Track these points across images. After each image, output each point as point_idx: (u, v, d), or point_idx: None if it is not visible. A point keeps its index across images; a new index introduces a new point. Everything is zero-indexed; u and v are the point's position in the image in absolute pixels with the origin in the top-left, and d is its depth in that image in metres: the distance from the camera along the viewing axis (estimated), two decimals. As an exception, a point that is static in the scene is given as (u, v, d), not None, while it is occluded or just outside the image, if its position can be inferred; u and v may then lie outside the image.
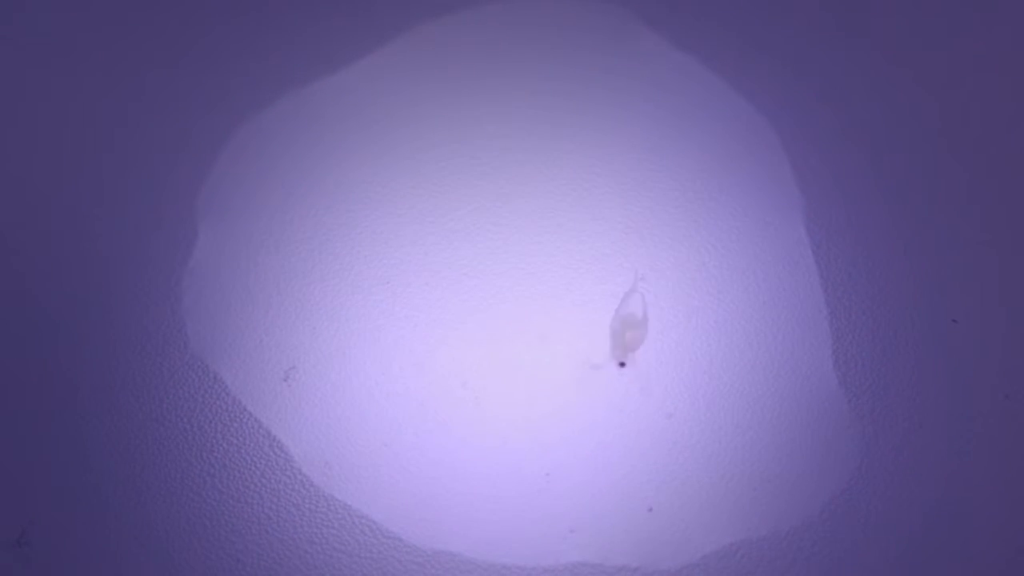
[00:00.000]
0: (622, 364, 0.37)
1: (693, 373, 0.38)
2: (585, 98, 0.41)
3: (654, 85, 0.41)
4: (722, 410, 0.37)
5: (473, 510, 0.36)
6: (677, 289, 0.39)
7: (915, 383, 0.37)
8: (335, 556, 0.36)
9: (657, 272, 0.39)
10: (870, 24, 0.43)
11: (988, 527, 0.36)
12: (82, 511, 0.36)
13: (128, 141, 0.41)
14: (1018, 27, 0.43)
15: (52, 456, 0.37)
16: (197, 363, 0.38)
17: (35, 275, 0.39)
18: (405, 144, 0.41)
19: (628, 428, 0.37)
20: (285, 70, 0.42)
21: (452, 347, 0.38)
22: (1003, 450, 0.37)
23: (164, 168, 0.40)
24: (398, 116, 0.41)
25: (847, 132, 0.41)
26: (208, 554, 0.36)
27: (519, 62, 0.42)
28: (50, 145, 0.41)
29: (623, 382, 0.38)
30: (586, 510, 0.36)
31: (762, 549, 0.36)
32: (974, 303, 0.38)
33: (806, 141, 0.41)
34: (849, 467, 0.36)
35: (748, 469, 0.36)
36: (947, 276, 0.39)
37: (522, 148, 0.40)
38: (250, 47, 0.42)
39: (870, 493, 0.36)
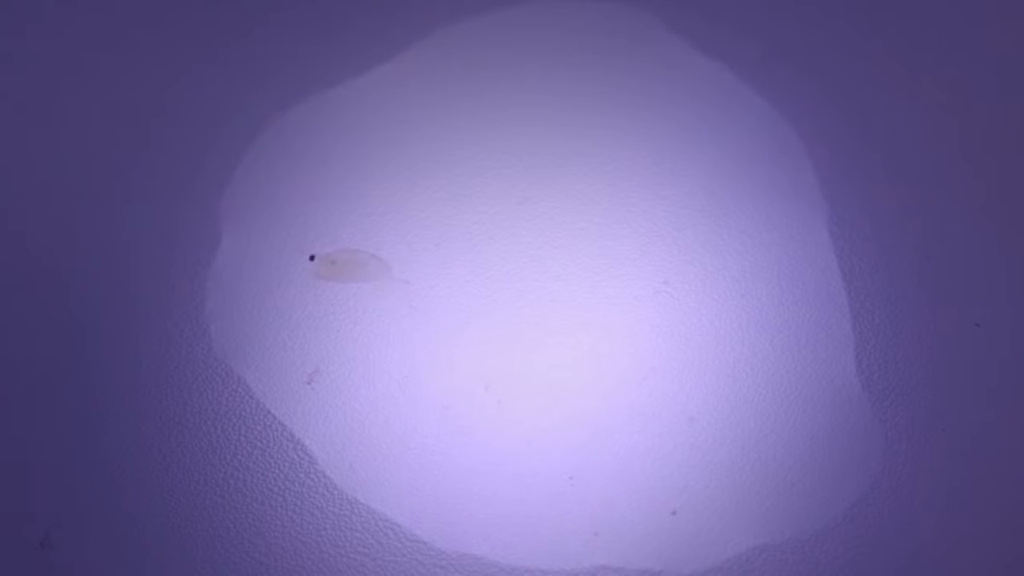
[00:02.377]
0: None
1: (716, 376, 0.38)
2: (608, 102, 0.41)
3: (676, 89, 0.41)
4: (745, 413, 0.37)
5: (497, 513, 0.36)
6: (700, 293, 0.39)
7: (938, 387, 0.37)
8: (359, 559, 0.36)
9: (680, 276, 0.39)
10: (895, 30, 0.43)
11: (1011, 531, 0.36)
12: (105, 514, 0.36)
13: (151, 144, 0.41)
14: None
15: (76, 459, 0.37)
16: (221, 366, 0.38)
17: (58, 279, 0.39)
18: (427, 147, 0.41)
19: (651, 431, 0.37)
20: (308, 74, 0.41)
21: (475, 350, 0.38)
22: (1027, 454, 0.37)
23: (188, 171, 0.40)
24: (421, 120, 0.41)
25: (870, 137, 0.41)
26: (232, 557, 0.36)
27: (542, 66, 0.42)
28: (73, 148, 0.41)
29: (645, 386, 0.38)
30: (609, 513, 0.36)
31: (785, 552, 0.36)
32: (997, 307, 0.38)
33: (829, 146, 0.40)
34: (872, 471, 0.36)
35: (771, 472, 0.36)
36: (970, 281, 0.39)
37: (544, 152, 0.40)
38: (273, 51, 0.42)
39: (892, 497, 0.36)
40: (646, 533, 0.36)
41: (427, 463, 0.37)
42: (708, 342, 0.38)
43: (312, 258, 0.37)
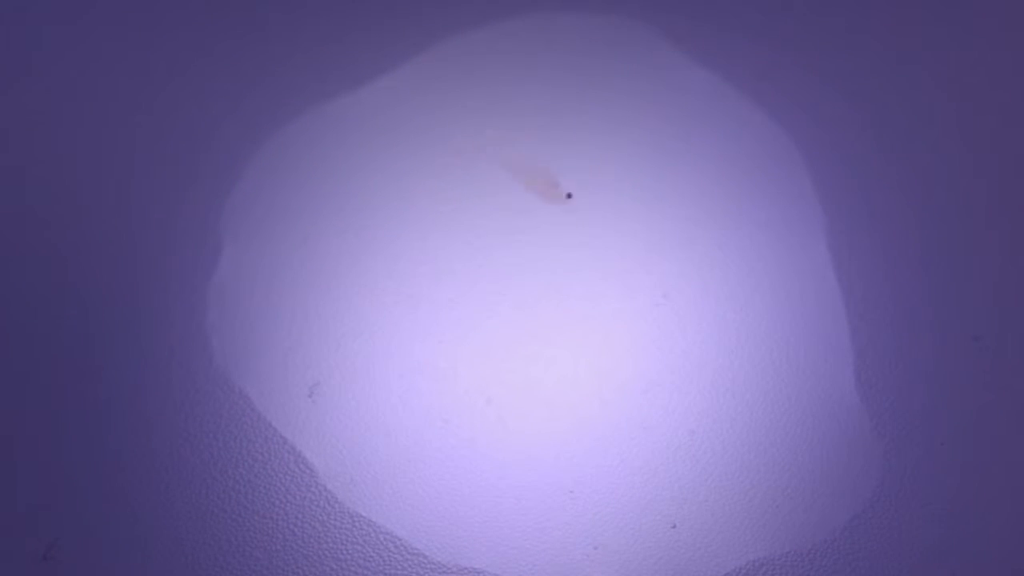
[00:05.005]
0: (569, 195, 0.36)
1: (715, 390, 0.38)
2: (607, 115, 0.41)
3: (676, 102, 0.41)
4: (745, 427, 0.37)
5: (497, 527, 0.36)
6: (700, 306, 0.39)
7: (937, 401, 0.38)
8: (360, 572, 0.36)
9: (680, 290, 0.39)
10: (896, 42, 0.43)
11: (1009, 545, 0.36)
12: (108, 526, 0.36)
13: (152, 157, 0.41)
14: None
15: (78, 472, 0.37)
16: (222, 379, 0.38)
17: (60, 292, 0.39)
18: (427, 159, 0.41)
19: (651, 445, 0.37)
20: (308, 86, 0.42)
21: (476, 364, 0.38)
22: (1026, 469, 0.37)
23: (189, 184, 0.40)
24: (420, 131, 0.41)
25: (869, 150, 0.41)
26: (234, 570, 0.36)
27: (541, 78, 0.42)
28: (72, 160, 0.41)
29: (645, 399, 0.38)
30: (609, 527, 0.36)
31: (784, 566, 0.36)
32: (996, 321, 0.38)
33: (828, 158, 0.41)
34: (871, 484, 0.37)
35: (771, 486, 0.37)
36: (969, 294, 0.39)
37: (544, 164, 0.41)
38: (274, 64, 0.42)
39: (892, 510, 0.36)
40: (646, 546, 0.36)
41: (428, 476, 0.37)
42: (708, 355, 0.38)
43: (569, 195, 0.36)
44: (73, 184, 0.41)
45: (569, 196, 0.36)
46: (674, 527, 0.36)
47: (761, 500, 0.36)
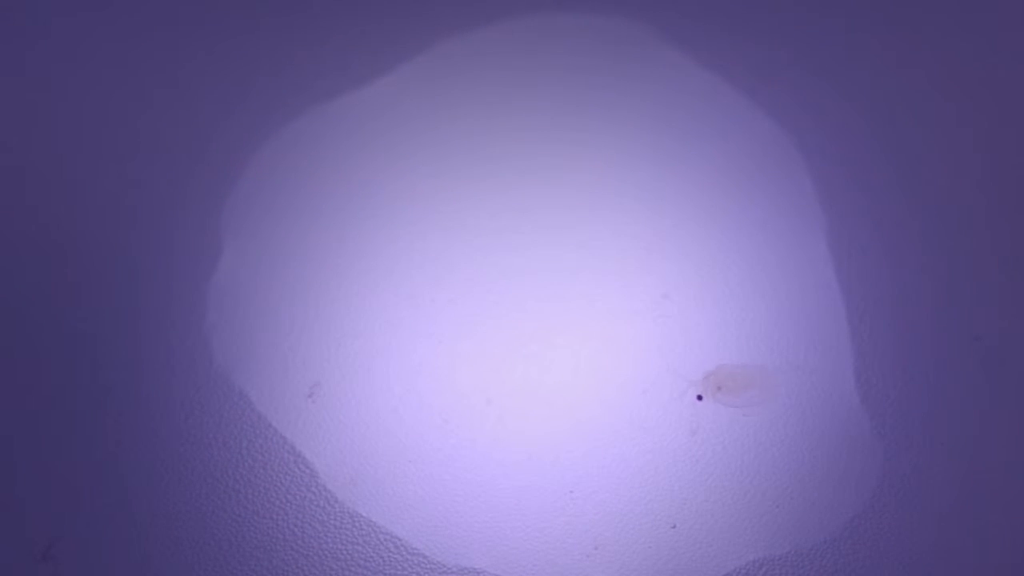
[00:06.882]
0: (699, 397, 0.37)
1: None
2: (607, 115, 0.41)
3: (676, 102, 0.41)
4: (745, 427, 0.37)
5: (497, 527, 0.36)
6: (700, 306, 0.39)
7: (937, 401, 0.38)
8: (360, 573, 0.36)
9: (680, 290, 0.39)
10: (897, 42, 0.43)
11: (1010, 546, 0.36)
12: (107, 527, 0.36)
13: (151, 155, 0.41)
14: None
15: (77, 472, 0.37)
16: (222, 379, 0.38)
17: (59, 291, 0.39)
18: (430, 160, 0.41)
19: (651, 445, 0.37)
20: (308, 87, 0.42)
21: (476, 364, 0.38)
22: (1026, 469, 0.37)
23: (188, 183, 0.40)
24: (421, 132, 0.41)
25: (870, 151, 0.41)
26: (234, 570, 0.36)
27: (542, 78, 0.42)
28: (71, 159, 0.41)
29: (645, 400, 0.38)
30: (610, 527, 0.36)
31: (785, 566, 0.36)
32: (997, 321, 0.38)
33: (828, 159, 0.41)
34: (871, 484, 0.37)
35: (771, 486, 0.37)
36: (970, 293, 0.39)
37: (545, 165, 0.41)
38: (274, 62, 0.42)
39: (892, 510, 0.36)
40: (646, 547, 0.36)
41: (428, 476, 0.37)
42: (708, 355, 0.38)
43: (700, 398, 0.37)
44: (72, 183, 0.41)
45: (699, 398, 0.37)
46: (674, 527, 0.36)
47: (761, 500, 0.36)
